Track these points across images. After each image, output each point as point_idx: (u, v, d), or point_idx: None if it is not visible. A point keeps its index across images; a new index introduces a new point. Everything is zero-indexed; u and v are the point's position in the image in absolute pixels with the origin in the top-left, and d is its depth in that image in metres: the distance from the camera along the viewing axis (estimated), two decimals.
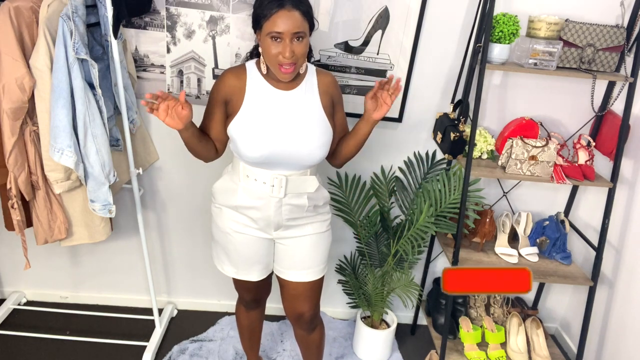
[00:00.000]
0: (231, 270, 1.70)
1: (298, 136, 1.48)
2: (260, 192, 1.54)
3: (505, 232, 2.21)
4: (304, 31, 1.37)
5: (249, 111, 1.48)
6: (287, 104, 1.49)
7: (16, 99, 1.60)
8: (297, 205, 1.57)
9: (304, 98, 1.51)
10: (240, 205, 1.58)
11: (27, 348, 2.19)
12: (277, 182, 1.52)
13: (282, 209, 1.56)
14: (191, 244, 2.39)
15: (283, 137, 1.47)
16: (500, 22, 1.79)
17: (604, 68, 1.88)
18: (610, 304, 2.21)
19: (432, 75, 2.05)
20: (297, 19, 1.34)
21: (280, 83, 1.50)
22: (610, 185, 1.95)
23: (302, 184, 1.56)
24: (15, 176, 1.70)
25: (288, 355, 2.29)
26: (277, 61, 1.39)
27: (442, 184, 1.95)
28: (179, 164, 2.20)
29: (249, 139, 1.46)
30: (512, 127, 2.01)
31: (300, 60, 1.41)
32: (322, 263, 1.69)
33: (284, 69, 1.40)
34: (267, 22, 1.35)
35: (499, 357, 2.16)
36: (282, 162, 1.49)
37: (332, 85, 1.57)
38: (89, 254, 2.39)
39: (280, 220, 1.58)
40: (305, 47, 1.41)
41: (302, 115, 1.49)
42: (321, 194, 1.64)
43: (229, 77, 1.50)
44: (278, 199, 1.54)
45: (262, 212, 1.56)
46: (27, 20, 1.58)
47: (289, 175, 1.52)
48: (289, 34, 1.34)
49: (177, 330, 2.39)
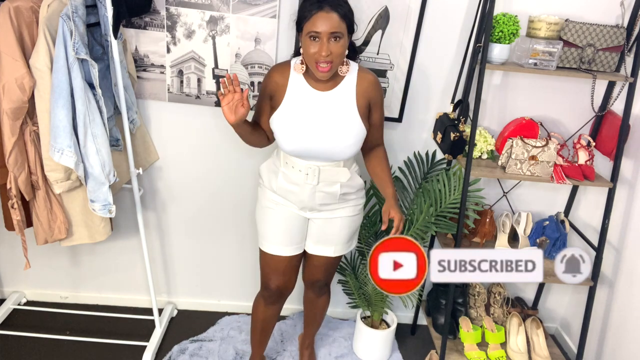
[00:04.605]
0: (269, 247, 1.79)
1: (329, 135, 1.59)
2: (296, 178, 1.68)
3: (505, 232, 2.21)
4: (341, 32, 1.45)
5: (288, 108, 1.61)
6: (322, 104, 1.60)
7: (16, 99, 1.60)
8: (329, 193, 1.69)
9: (339, 99, 1.60)
10: (280, 188, 1.71)
11: (27, 348, 2.19)
12: (311, 171, 1.65)
13: (316, 195, 1.69)
14: (191, 244, 2.39)
15: (316, 135, 1.59)
16: (500, 22, 1.79)
17: (604, 68, 1.88)
18: (610, 304, 2.21)
19: (432, 75, 2.05)
20: (334, 20, 1.43)
21: (319, 83, 1.59)
22: (610, 185, 1.95)
23: (334, 174, 1.67)
24: (15, 176, 1.70)
25: (288, 355, 2.29)
26: (314, 59, 1.48)
27: (442, 184, 1.95)
28: (179, 164, 2.20)
29: (285, 134, 1.61)
30: (512, 127, 2.01)
31: (337, 60, 1.49)
32: (345, 242, 1.83)
33: (320, 67, 1.48)
34: (307, 22, 1.45)
35: (499, 357, 2.16)
36: (314, 155, 1.63)
37: (372, 86, 1.63)
38: (89, 254, 2.39)
39: (314, 205, 1.72)
40: (342, 47, 1.48)
41: (335, 116, 1.59)
42: (354, 182, 1.74)
43: (274, 74, 1.63)
44: (312, 186, 1.67)
45: (298, 196, 1.70)
46: (27, 20, 1.58)
47: (322, 166, 1.65)
48: (326, 34, 1.43)
49: (177, 330, 2.39)
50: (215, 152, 2.17)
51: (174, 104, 2.07)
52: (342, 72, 1.59)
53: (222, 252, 2.40)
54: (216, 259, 2.43)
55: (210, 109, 2.08)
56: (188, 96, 2.05)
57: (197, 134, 2.14)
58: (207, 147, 2.16)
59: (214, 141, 2.15)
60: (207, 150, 2.17)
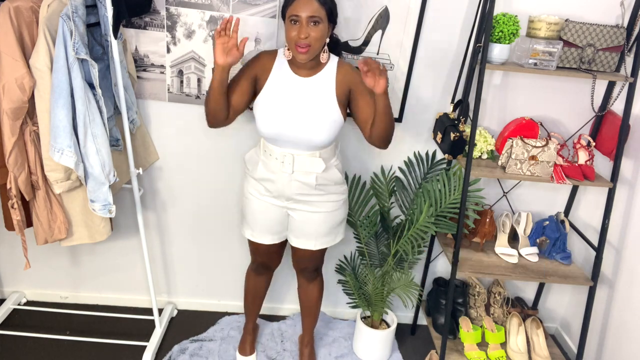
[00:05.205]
0: (249, 233, 1.92)
1: (305, 120, 1.64)
2: (273, 166, 1.74)
3: (505, 232, 2.21)
4: (320, 17, 1.54)
5: (269, 91, 1.67)
6: (302, 89, 1.66)
7: (16, 99, 1.59)
8: (305, 183, 1.74)
9: (319, 86, 1.66)
10: (260, 178, 1.79)
11: (27, 348, 2.19)
12: (286, 160, 1.71)
13: (292, 184, 1.75)
14: (191, 244, 2.39)
15: (291, 119, 1.64)
16: (500, 22, 1.79)
17: (604, 68, 1.88)
18: (610, 304, 2.21)
19: (432, 75, 2.05)
20: (314, 5, 1.52)
21: (301, 69, 1.66)
22: (610, 185, 1.95)
23: (309, 164, 1.72)
24: (15, 176, 1.70)
25: (288, 356, 2.29)
26: (294, 41, 1.55)
27: (442, 184, 1.95)
28: (179, 164, 2.20)
29: (264, 116, 1.66)
30: (512, 127, 2.01)
31: (315, 44, 1.56)
32: (328, 235, 1.88)
33: (299, 49, 1.55)
34: (289, 8, 1.55)
35: (499, 357, 2.16)
36: (290, 141, 1.68)
37: (349, 72, 1.68)
38: (89, 254, 2.39)
39: (291, 194, 1.77)
40: (321, 32, 1.55)
41: (314, 102, 1.65)
42: (332, 176, 1.77)
43: (263, 56, 1.71)
44: (288, 175, 1.73)
45: (275, 185, 1.77)
46: (27, 20, 1.58)
47: (296, 155, 1.70)
48: (305, 18, 1.52)
49: (177, 330, 2.39)
50: (215, 152, 2.17)
51: (174, 104, 2.07)
52: (323, 60, 1.65)
53: (222, 252, 2.40)
54: (216, 259, 2.43)
55: None
56: (188, 96, 2.05)
57: (197, 134, 2.14)
58: (207, 147, 2.16)
59: (214, 141, 2.15)
60: (207, 150, 2.17)
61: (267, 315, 2.55)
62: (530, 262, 2.13)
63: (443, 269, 2.49)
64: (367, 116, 1.67)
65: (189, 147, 2.16)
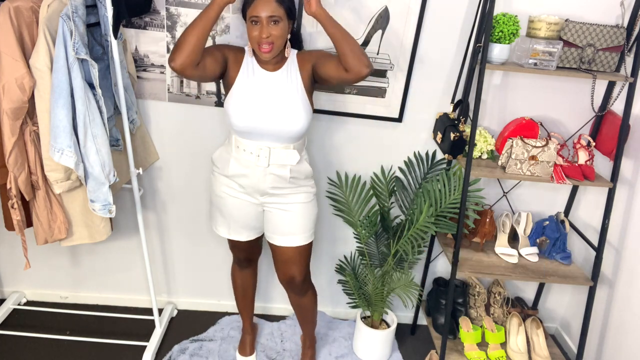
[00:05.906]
0: (224, 231, 1.93)
1: (278, 112, 1.68)
2: (247, 162, 1.75)
3: (505, 232, 2.21)
4: (279, 16, 1.58)
5: (240, 86, 1.70)
6: (270, 83, 1.71)
7: (16, 99, 1.59)
8: (279, 176, 1.76)
9: (286, 77, 1.72)
10: (233, 174, 1.79)
11: (27, 348, 2.19)
12: (262, 153, 1.72)
13: (267, 178, 1.76)
14: (191, 244, 2.39)
15: (265, 112, 1.68)
16: (500, 22, 1.79)
17: (604, 68, 1.88)
18: (610, 304, 2.21)
19: (432, 75, 2.05)
20: (272, 5, 1.56)
21: (267, 65, 1.71)
22: (610, 185, 1.95)
23: (284, 156, 1.74)
24: (15, 176, 1.70)
25: (288, 355, 2.29)
26: (257, 41, 1.60)
27: (442, 184, 1.95)
28: (179, 164, 2.20)
29: (236, 110, 1.68)
30: (512, 127, 2.01)
31: (278, 42, 1.61)
32: (308, 231, 1.87)
33: (263, 48, 1.60)
34: (249, 8, 1.59)
35: (499, 357, 2.16)
36: (264, 134, 1.70)
37: (306, 55, 1.74)
38: (89, 254, 2.39)
39: (265, 188, 1.78)
40: (282, 30, 1.60)
41: (283, 94, 1.70)
42: (303, 168, 1.81)
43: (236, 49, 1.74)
44: (262, 168, 1.75)
45: (250, 180, 1.77)
46: (27, 20, 1.58)
47: (272, 148, 1.72)
48: (265, 18, 1.57)
49: (177, 330, 2.39)
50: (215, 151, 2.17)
51: (174, 104, 2.07)
52: (287, 54, 1.71)
53: (222, 252, 2.40)
54: (216, 259, 2.43)
55: (210, 109, 2.09)
56: (188, 96, 2.05)
57: (197, 134, 2.14)
58: (207, 147, 2.16)
59: (214, 141, 2.15)
60: (207, 150, 2.17)
61: (267, 315, 2.55)
62: (530, 262, 2.13)
63: (443, 269, 2.49)
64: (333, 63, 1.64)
65: (189, 147, 2.16)
